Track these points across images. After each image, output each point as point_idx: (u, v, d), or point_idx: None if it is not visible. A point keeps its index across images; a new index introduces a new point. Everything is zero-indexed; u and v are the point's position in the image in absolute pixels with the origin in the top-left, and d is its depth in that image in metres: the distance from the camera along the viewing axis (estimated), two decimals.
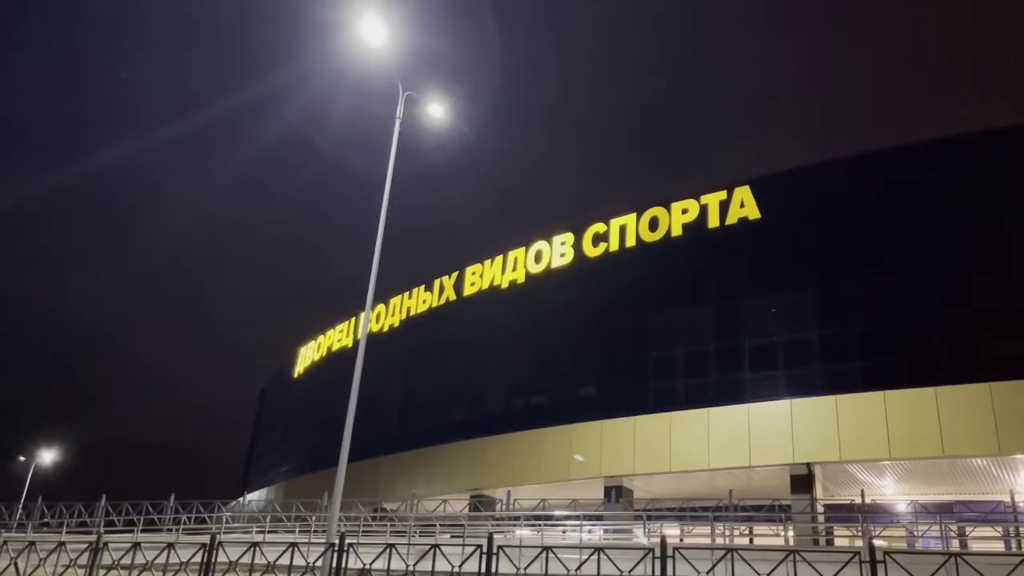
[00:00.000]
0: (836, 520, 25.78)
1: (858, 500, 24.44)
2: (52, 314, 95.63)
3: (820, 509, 26.27)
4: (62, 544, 15.65)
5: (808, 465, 26.67)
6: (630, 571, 12.68)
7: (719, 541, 21.66)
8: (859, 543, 22.38)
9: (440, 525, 26.00)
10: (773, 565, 12.30)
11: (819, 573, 11.87)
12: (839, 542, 25.89)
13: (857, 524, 22.38)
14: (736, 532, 23.09)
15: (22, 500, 34.67)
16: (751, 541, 25.98)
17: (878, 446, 24.96)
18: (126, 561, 15.48)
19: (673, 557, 12.00)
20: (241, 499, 48.96)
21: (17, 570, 15.58)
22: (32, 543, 16.40)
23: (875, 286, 26.87)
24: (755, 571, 12.23)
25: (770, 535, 23.51)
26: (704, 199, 31.53)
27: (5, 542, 16.36)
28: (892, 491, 29.47)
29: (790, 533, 24.08)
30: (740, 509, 25.17)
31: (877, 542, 12.23)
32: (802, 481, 26.80)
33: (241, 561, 14.80)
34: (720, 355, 29.58)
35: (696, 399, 29.04)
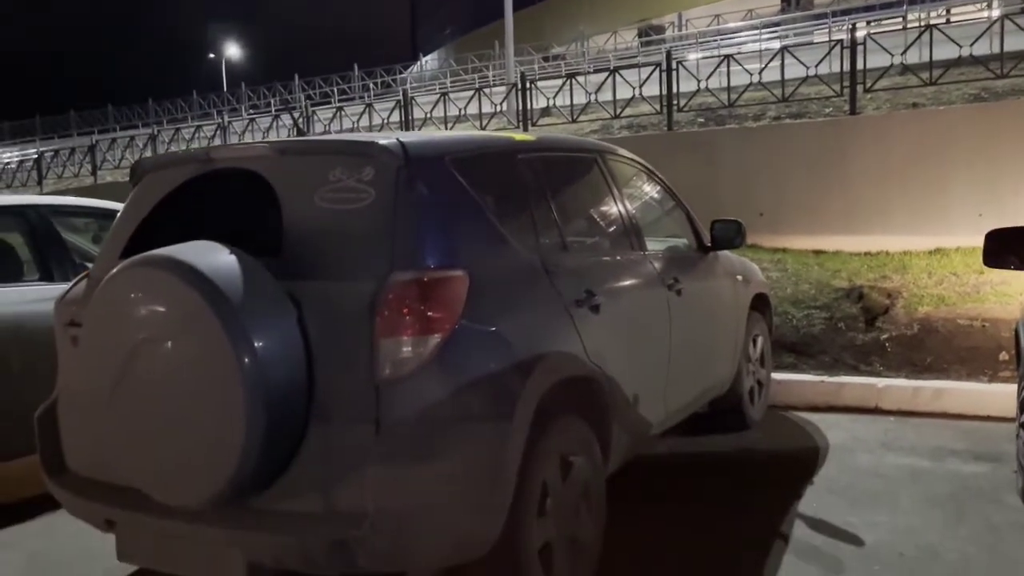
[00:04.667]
0: None
1: None
2: None
3: None
4: (276, 117, 17.38)
5: None
6: (816, 64, 12.33)
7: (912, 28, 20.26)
8: None
9: (613, 58, 25.94)
10: (975, 37, 11.48)
11: None
12: None
13: None
14: (932, 15, 21.37)
15: (224, 88, 37.74)
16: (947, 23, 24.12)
17: None
18: (335, 127, 17.09)
19: (864, 45, 11.39)
20: (418, 63, 50.56)
21: None
22: (252, 119, 18.37)
23: None
24: (956, 44, 11.52)
25: (972, 11, 21.50)
26: None
27: (230, 123, 18.37)
28: None
29: (995, 12, 21.90)
30: None
31: None
32: None
33: (433, 114, 15.87)
34: None
35: None
